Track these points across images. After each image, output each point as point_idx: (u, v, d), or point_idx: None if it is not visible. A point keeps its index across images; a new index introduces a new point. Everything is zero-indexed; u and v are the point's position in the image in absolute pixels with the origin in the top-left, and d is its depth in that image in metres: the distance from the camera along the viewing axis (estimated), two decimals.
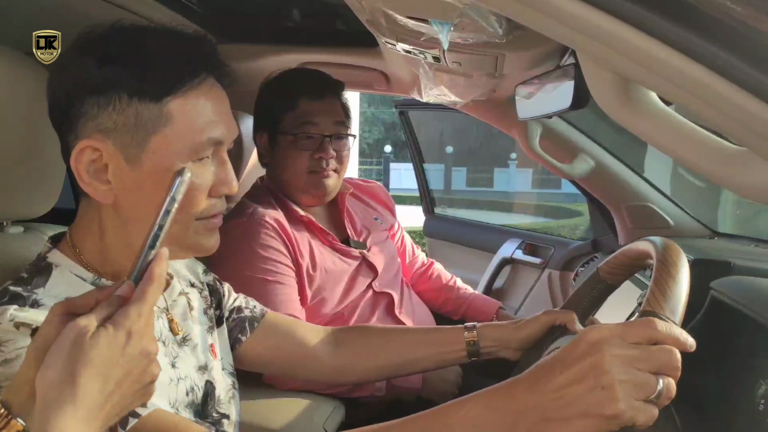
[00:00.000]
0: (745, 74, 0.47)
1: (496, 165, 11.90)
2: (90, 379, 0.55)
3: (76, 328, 0.56)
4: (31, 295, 0.76)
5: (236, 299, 1.11)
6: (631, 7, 0.50)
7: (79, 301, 0.61)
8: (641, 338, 0.63)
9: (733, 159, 0.59)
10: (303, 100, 1.51)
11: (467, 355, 1.09)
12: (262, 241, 1.41)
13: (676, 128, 0.62)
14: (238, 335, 1.08)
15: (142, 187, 0.78)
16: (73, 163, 0.77)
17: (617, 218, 1.90)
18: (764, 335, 0.81)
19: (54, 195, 0.95)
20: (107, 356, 0.56)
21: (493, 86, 1.49)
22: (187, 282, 1.02)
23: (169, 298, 0.93)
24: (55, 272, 0.80)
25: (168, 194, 0.64)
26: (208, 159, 0.81)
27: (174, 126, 0.78)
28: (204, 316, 1.01)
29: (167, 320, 0.91)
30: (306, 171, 1.51)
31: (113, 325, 0.58)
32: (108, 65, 0.75)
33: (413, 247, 1.94)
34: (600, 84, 0.64)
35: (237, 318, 1.09)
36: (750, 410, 0.78)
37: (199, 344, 0.95)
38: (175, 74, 0.78)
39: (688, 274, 0.71)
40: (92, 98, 0.76)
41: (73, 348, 0.56)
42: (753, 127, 0.50)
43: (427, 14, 0.90)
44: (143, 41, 0.78)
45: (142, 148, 0.77)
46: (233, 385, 1.01)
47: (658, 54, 0.50)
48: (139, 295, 0.60)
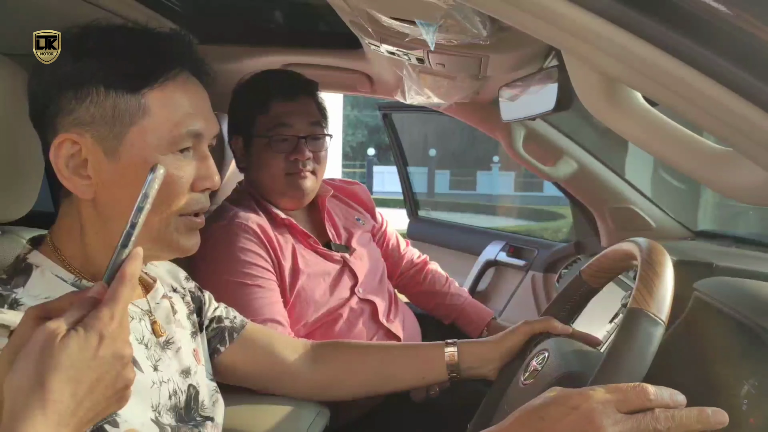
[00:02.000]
0: (732, 75, 0.47)
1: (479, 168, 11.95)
2: (60, 384, 0.54)
3: (46, 331, 0.55)
4: (10, 294, 0.75)
5: (217, 308, 1.10)
6: (617, 8, 0.49)
7: (54, 304, 0.60)
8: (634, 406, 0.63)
9: (719, 160, 0.59)
10: (275, 101, 1.49)
11: (447, 372, 1.09)
12: (242, 245, 1.40)
13: (661, 129, 0.62)
14: (217, 345, 1.07)
15: (121, 181, 0.78)
16: (52, 157, 0.77)
17: (600, 220, 1.91)
18: (747, 336, 0.81)
19: (31, 198, 0.93)
20: (78, 360, 0.55)
21: (476, 88, 1.49)
22: (169, 287, 1.01)
23: (152, 300, 0.92)
24: (36, 273, 0.79)
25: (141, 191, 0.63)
26: (188, 152, 0.81)
27: (152, 118, 0.78)
28: (187, 321, 1.00)
29: (150, 322, 0.89)
30: (283, 173, 1.49)
31: (84, 328, 0.56)
32: (83, 59, 0.76)
33: (398, 243, 1.88)
34: (586, 84, 0.64)
35: (217, 327, 1.08)
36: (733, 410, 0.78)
37: (183, 348, 0.94)
38: (152, 65, 0.78)
39: (673, 272, 0.72)
40: (69, 93, 0.76)
41: (43, 352, 0.54)
42: (740, 128, 0.50)
43: (411, 15, 0.89)
44: (118, 36, 0.79)
45: (120, 141, 0.77)
46: (216, 389, 1.00)
47: (645, 55, 0.50)
48: (111, 296, 0.58)
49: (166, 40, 0.82)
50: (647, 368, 0.69)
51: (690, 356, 0.88)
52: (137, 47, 0.79)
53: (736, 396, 0.78)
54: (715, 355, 0.87)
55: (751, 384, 0.76)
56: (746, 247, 1.54)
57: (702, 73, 0.48)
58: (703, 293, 0.92)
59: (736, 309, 0.84)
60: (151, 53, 0.79)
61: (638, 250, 0.76)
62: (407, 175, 3.05)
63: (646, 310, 0.66)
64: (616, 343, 0.68)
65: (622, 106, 0.63)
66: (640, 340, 0.67)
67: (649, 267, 0.70)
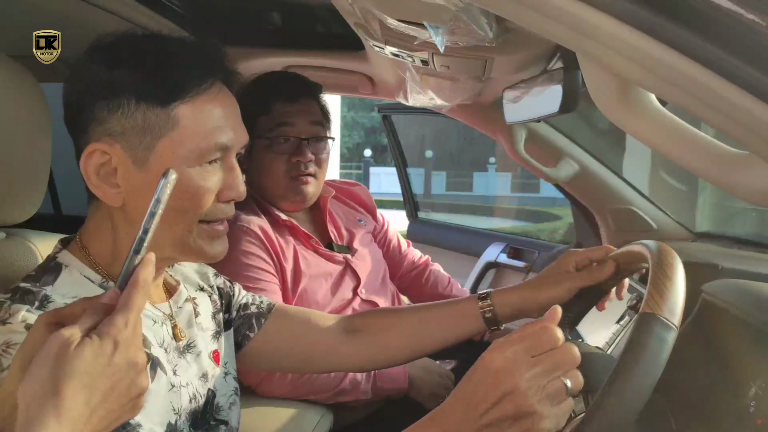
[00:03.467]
0: (750, 77, 0.47)
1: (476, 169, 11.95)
2: (74, 392, 0.53)
3: (60, 338, 0.54)
4: (40, 291, 0.75)
5: (244, 296, 1.09)
6: (633, 9, 0.49)
7: (66, 310, 0.60)
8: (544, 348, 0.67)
9: (736, 163, 0.59)
10: (277, 103, 1.49)
11: (486, 325, 1.06)
12: (244, 248, 1.40)
13: (677, 132, 0.62)
14: (246, 332, 1.06)
15: (149, 190, 0.78)
16: (82, 165, 0.78)
17: (601, 221, 1.91)
18: (754, 338, 0.81)
19: (37, 200, 0.93)
20: (92, 367, 0.54)
21: (479, 90, 1.49)
22: (195, 286, 1.01)
23: (174, 304, 0.92)
24: (64, 272, 0.80)
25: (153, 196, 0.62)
26: (216, 163, 0.82)
27: (181, 130, 0.79)
28: (212, 322, 0.99)
29: (171, 327, 0.89)
30: (284, 176, 1.48)
31: (98, 335, 0.56)
32: (117, 69, 0.77)
33: (400, 244, 1.88)
34: (601, 87, 0.64)
35: (243, 315, 1.07)
36: (741, 412, 0.78)
37: (203, 352, 0.94)
38: (184, 79, 0.79)
39: (684, 276, 0.72)
40: (101, 102, 0.77)
41: (57, 359, 0.54)
42: (758, 130, 0.50)
43: (419, 17, 0.89)
44: (152, 47, 0.80)
45: (150, 152, 0.78)
46: (235, 391, 1.00)
47: (661, 56, 0.50)
48: (124, 303, 0.58)
49: (198, 51, 0.83)
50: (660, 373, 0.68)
51: (697, 358, 0.88)
52: (169, 58, 0.80)
53: (744, 398, 0.79)
54: (723, 357, 0.87)
55: (758, 386, 0.76)
56: (748, 249, 1.55)
57: (720, 75, 0.48)
58: (711, 295, 0.92)
59: (744, 311, 0.85)
60: (183, 65, 0.80)
61: (648, 253, 0.76)
62: (407, 176, 3.04)
63: (659, 314, 0.66)
64: (628, 347, 0.68)
65: (638, 108, 0.63)
66: (652, 345, 0.67)
67: (660, 270, 0.70)
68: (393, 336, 1.10)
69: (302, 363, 1.13)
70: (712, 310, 0.92)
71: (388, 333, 1.11)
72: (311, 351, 1.09)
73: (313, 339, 1.09)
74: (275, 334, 1.08)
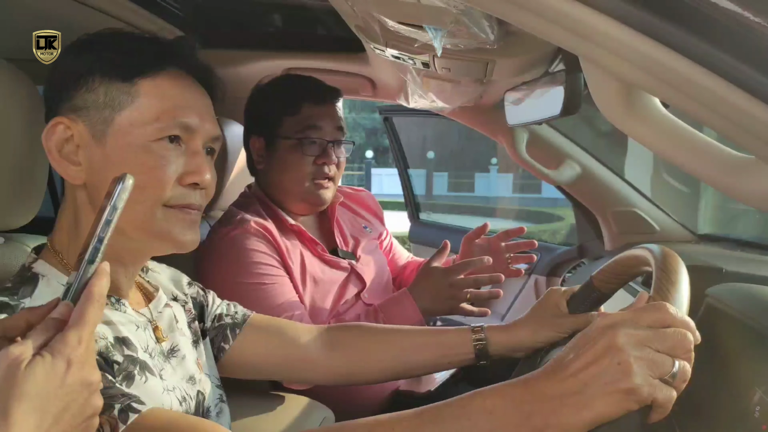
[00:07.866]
0: (754, 80, 0.47)
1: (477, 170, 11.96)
2: (24, 415, 0.49)
3: (10, 357, 0.50)
4: (18, 304, 0.74)
5: (218, 306, 1.08)
6: (637, 13, 0.49)
7: (9, 322, 0.57)
8: (653, 322, 0.63)
9: (740, 167, 0.59)
10: (306, 104, 1.48)
11: (476, 358, 1.06)
12: (251, 247, 1.39)
13: (681, 136, 0.62)
14: (220, 344, 1.05)
15: (108, 166, 0.79)
16: (44, 140, 0.79)
17: (603, 224, 1.90)
18: (759, 343, 0.81)
19: (35, 205, 0.93)
20: (44, 388, 0.51)
21: (480, 92, 1.49)
22: (170, 294, 0.99)
23: (154, 309, 0.91)
24: (41, 283, 0.78)
25: (108, 202, 0.57)
26: (179, 146, 0.82)
27: (141, 103, 0.80)
28: (188, 330, 0.99)
29: (152, 330, 0.88)
30: (307, 177, 1.47)
31: (51, 353, 0.52)
32: (84, 54, 0.81)
33: (400, 253, 1.88)
34: (604, 91, 0.63)
35: (218, 326, 1.06)
36: (745, 417, 0.78)
37: (187, 355, 0.93)
38: (147, 59, 0.82)
39: (688, 281, 0.71)
40: (69, 83, 0.80)
41: (6, 380, 0.50)
42: (762, 134, 0.49)
43: (420, 20, 0.89)
44: (119, 37, 0.85)
45: (108, 125, 0.80)
46: (221, 398, 0.99)
47: (665, 61, 0.49)
48: (78, 318, 0.54)
49: (164, 42, 0.86)
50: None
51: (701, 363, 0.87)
52: (137, 45, 0.84)
53: (749, 403, 0.78)
54: (727, 361, 0.87)
55: (763, 390, 0.76)
56: (751, 251, 1.54)
57: (725, 80, 0.47)
58: (715, 299, 0.92)
59: (748, 316, 0.84)
60: (147, 49, 0.83)
61: (652, 257, 0.76)
62: (409, 178, 3.04)
63: None
64: None
65: (641, 113, 0.62)
66: None
67: (664, 275, 0.70)
68: (375, 357, 1.09)
69: (277, 375, 1.13)
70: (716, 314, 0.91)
71: (369, 353, 1.09)
72: (285, 363, 1.08)
73: (288, 351, 1.07)
74: (249, 346, 1.06)
